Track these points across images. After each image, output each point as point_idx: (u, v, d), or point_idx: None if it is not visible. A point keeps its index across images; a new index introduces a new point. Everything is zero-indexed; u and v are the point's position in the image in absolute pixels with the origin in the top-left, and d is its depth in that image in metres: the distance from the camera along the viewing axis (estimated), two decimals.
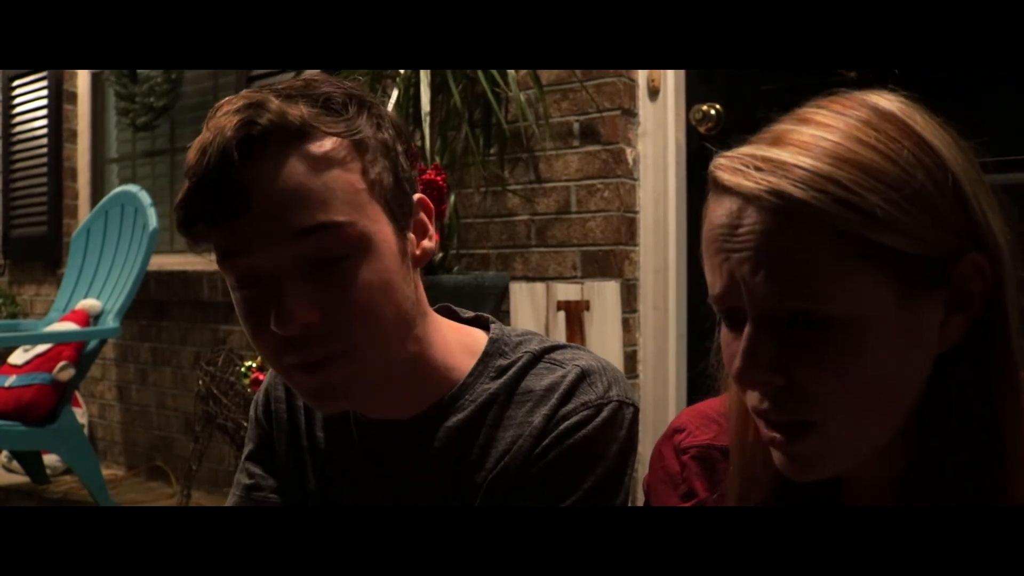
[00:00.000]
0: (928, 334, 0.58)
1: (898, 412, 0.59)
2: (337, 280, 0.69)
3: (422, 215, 0.78)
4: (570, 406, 0.76)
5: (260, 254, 0.69)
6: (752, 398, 0.61)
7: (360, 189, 0.71)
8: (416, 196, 0.77)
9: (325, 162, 0.69)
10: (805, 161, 0.56)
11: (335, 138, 0.70)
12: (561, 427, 0.76)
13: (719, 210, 0.59)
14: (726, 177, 0.58)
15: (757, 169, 0.57)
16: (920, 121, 0.59)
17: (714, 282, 0.61)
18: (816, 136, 0.57)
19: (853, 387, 0.57)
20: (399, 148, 0.76)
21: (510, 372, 0.80)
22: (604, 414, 0.76)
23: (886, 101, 0.60)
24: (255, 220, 0.68)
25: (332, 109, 0.72)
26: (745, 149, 0.59)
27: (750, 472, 0.67)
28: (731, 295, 0.59)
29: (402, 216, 0.75)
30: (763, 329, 0.58)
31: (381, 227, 0.72)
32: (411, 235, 0.76)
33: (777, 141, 0.59)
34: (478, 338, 0.84)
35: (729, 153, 0.60)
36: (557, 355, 0.81)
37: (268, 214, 0.68)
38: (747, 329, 0.59)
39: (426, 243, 0.78)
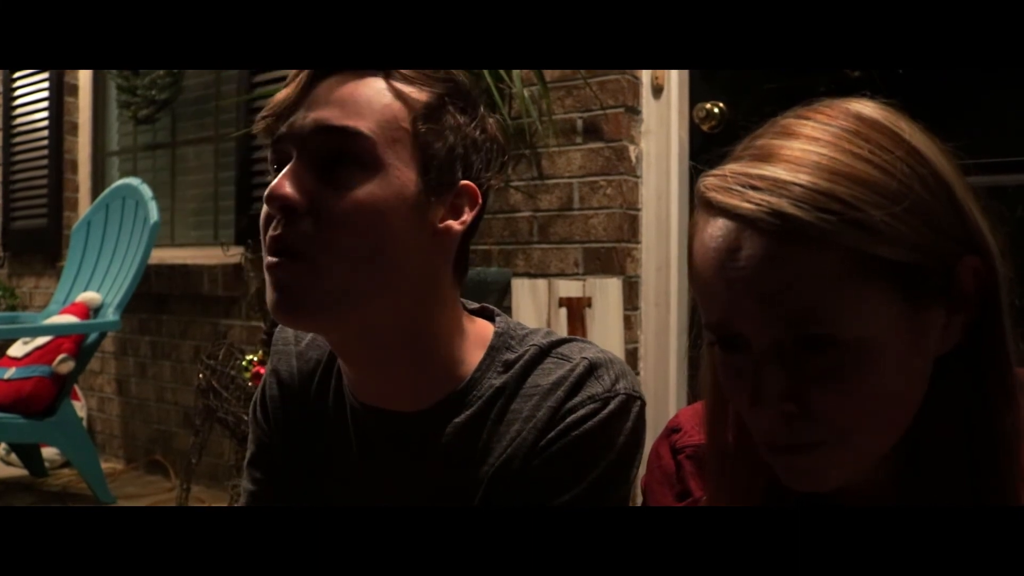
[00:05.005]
0: (932, 341, 0.58)
1: (906, 419, 0.59)
2: (333, 180, 0.72)
3: (462, 199, 0.78)
4: (577, 399, 0.76)
5: (289, 140, 0.74)
6: (759, 424, 0.59)
7: (402, 127, 0.74)
8: (464, 182, 0.78)
9: (386, 88, 0.75)
10: (802, 178, 0.54)
11: (414, 86, 0.75)
12: (567, 420, 0.75)
13: (713, 232, 0.57)
14: (718, 197, 0.56)
15: (753, 188, 0.55)
16: (907, 128, 0.58)
17: (711, 309, 0.58)
18: (807, 150, 0.56)
19: (866, 405, 0.56)
20: (475, 139, 0.79)
21: (516, 366, 0.79)
22: (611, 407, 0.76)
23: (869, 109, 0.59)
24: (299, 114, 0.74)
25: (428, 71, 0.77)
26: (734, 167, 0.57)
27: (728, 485, 0.67)
28: (732, 323, 0.57)
29: (435, 183, 0.76)
30: (771, 358, 0.56)
31: (401, 167, 0.73)
32: (440, 209, 0.77)
33: (767, 157, 0.57)
34: (485, 330, 0.83)
35: (717, 171, 0.58)
36: (564, 349, 0.80)
37: (308, 109, 0.74)
38: (754, 359, 0.57)
39: (452, 222, 0.77)
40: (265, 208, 0.74)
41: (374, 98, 0.74)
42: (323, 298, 0.72)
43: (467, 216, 0.78)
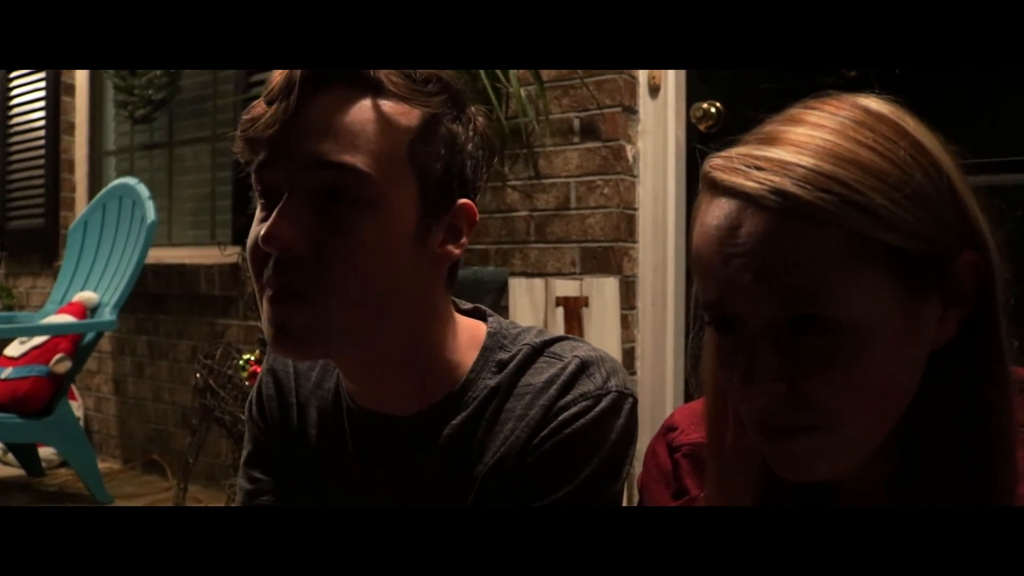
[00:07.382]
0: (927, 332, 0.58)
1: (897, 411, 0.59)
2: (333, 219, 0.70)
3: (459, 220, 0.78)
4: (569, 397, 0.76)
5: (278, 169, 0.71)
6: (750, 406, 0.59)
7: (397, 155, 0.72)
8: (462, 201, 0.77)
9: (378, 112, 0.72)
10: (806, 160, 0.55)
11: (406, 105, 0.73)
12: (559, 418, 0.76)
13: (716, 211, 0.58)
14: (724, 177, 0.57)
15: (757, 168, 0.56)
16: (911, 123, 0.59)
17: (709, 288, 0.59)
18: (812, 135, 0.57)
19: (858, 391, 0.56)
20: (469, 150, 0.78)
21: (510, 366, 0.80)
22: (603, 404, 0.76)
23: (876, 103, 0.60)
24: (287, 141, 0.71)
25: (418, 80, 0.74)
26: (740, 149, 0.58)
27: (727, 479, 0.67)
28: (729, 301, 0.58)
29: (433, 206, 0.75)
30: (765, 337, 0.57)
31: (401, 201, 0.72)
32: (440, 232, 0.76)
33: (773, 140, 0.58)
34: (478, 331, 0.83)
35: (724, 153, 0.59)
36: (556, 348, 0.81)
37: (297, 138, 0.71)
38: (748, 338, 0.57)
39: (451, 247, 0.77)
40: (253, 241, 0.72)
41: (368, 126, 0.72)
42: (327, 337, 0.72)
43: (465, 239, 0.79)
